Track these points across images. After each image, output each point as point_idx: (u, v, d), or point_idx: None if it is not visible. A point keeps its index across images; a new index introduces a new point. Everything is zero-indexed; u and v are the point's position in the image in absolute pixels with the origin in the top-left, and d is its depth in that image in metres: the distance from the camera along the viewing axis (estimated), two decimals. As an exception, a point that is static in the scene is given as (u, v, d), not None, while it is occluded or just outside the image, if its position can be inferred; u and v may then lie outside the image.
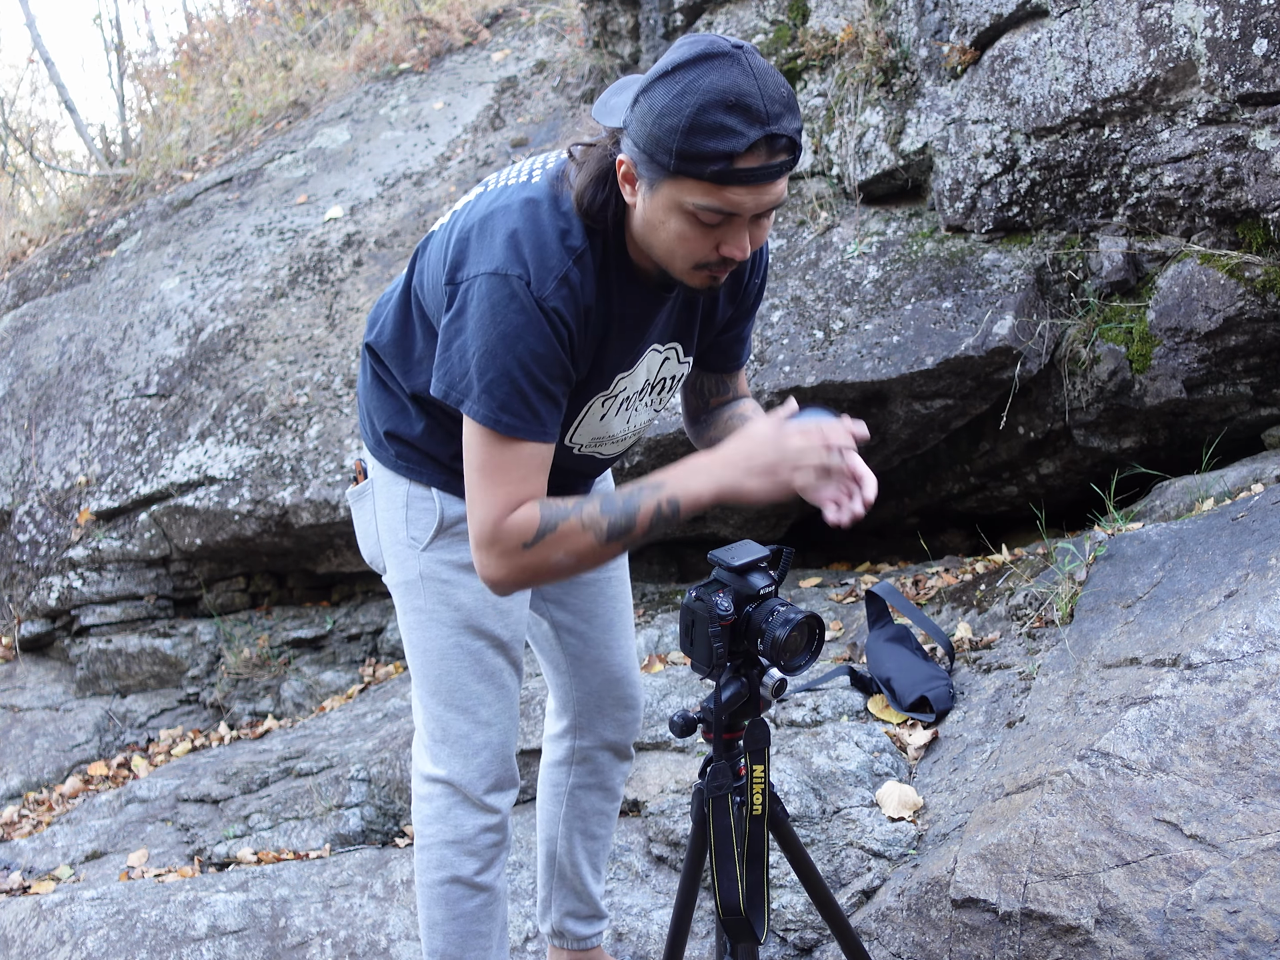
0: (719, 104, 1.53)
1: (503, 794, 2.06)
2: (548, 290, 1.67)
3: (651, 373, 1.94)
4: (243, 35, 9.10)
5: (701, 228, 1.64)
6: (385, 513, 2.03)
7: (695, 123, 1.54)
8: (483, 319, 1.69)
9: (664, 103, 1.56)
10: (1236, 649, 2.42)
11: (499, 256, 1.69)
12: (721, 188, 1.58)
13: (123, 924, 2.93)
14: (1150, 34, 3.40)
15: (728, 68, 1.55)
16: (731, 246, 1.66)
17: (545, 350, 1.68)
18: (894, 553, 4.74)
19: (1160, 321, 3.64)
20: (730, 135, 1.54)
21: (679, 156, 1.56)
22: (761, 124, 1.54)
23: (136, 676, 4.93)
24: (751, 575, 1.80)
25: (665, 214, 1.64)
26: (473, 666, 2.00)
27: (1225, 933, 2.05)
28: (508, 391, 1.68)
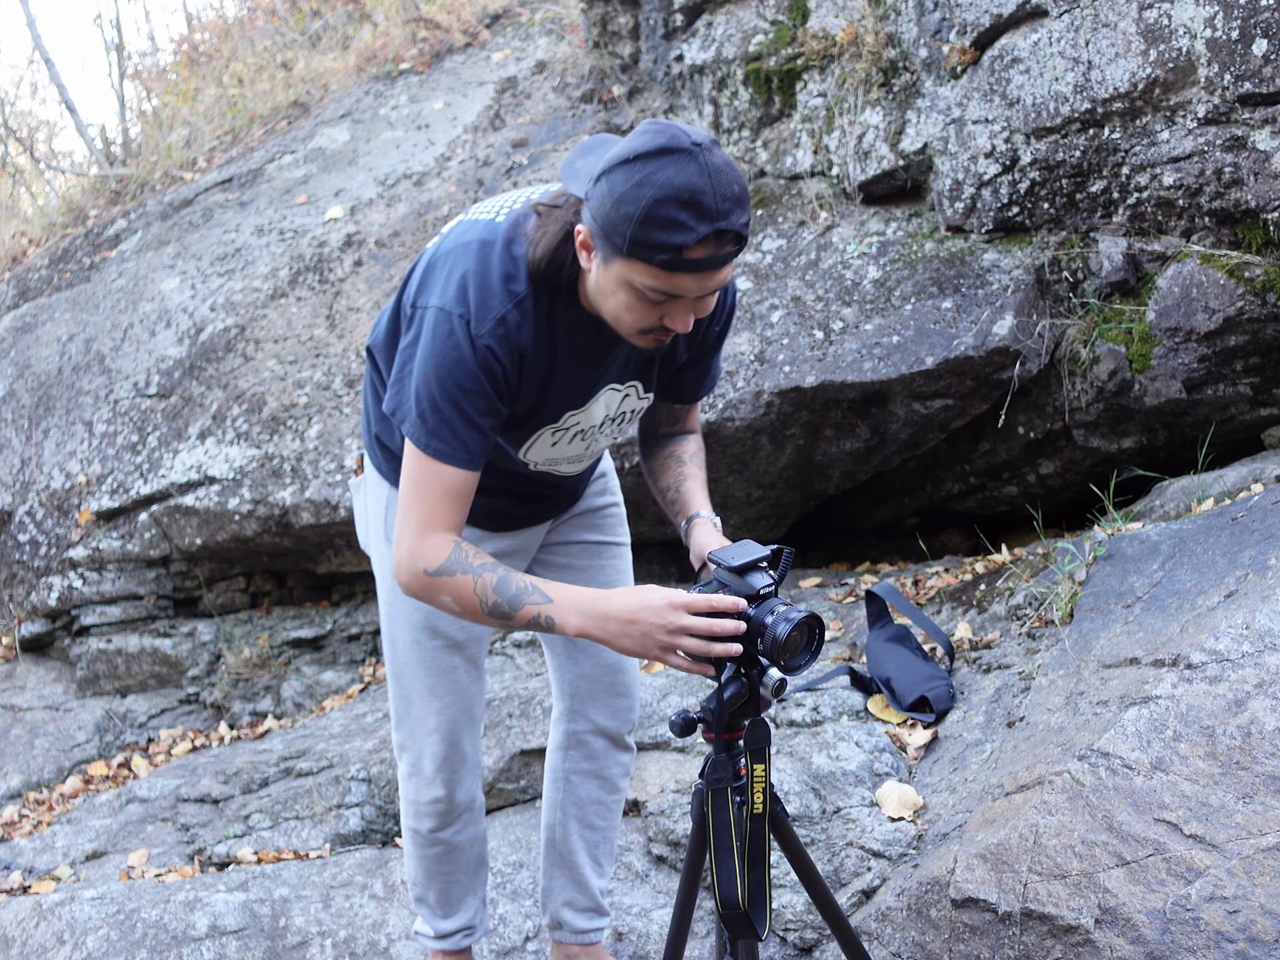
0: (673, 199, 1.64)
1: (453, 774, 2.27)
2: (484, 330, 1.81)
3: (611, 408, 2.07)
4: (243, 35, 9.10)
5: (648, 303, 1.77)
6: (373, 510, 2.23)
7: (649, 214, 1.65)
8: (426, 350, 1.84)
9: (623, 190, 1.67)
10: (1236, 649, 2.42)
11: (449, 294, 1.84)
12: (669, 274, 1.71)
13: (123, 924, 2.93)
14: (1150, 34, 3.40)
15: (685, 164, 1.65)
16: (674, 321, 1.80)
17: (475, 386, 1.82)
18: (894, 553, 4.74)
19: (1160, 321, 3.64)
20: (681, 229, 1.65)
21: (632, 242, 1.68)
22: (711, 220, 1.66)
23: (136, 676, 4.93)
24: (751, 575, 1.80)
25: (615, 287, 1.77)
26: (428, 662, 2.20)
27: (1225, 933, 2.05)
28: (438, 421, 1.83)
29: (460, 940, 2.44)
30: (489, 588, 1.84)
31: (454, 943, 2.43)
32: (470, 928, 2.44)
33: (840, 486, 4.40)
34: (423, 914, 2.44)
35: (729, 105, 4.96)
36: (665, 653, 1.78)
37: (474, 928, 2.45)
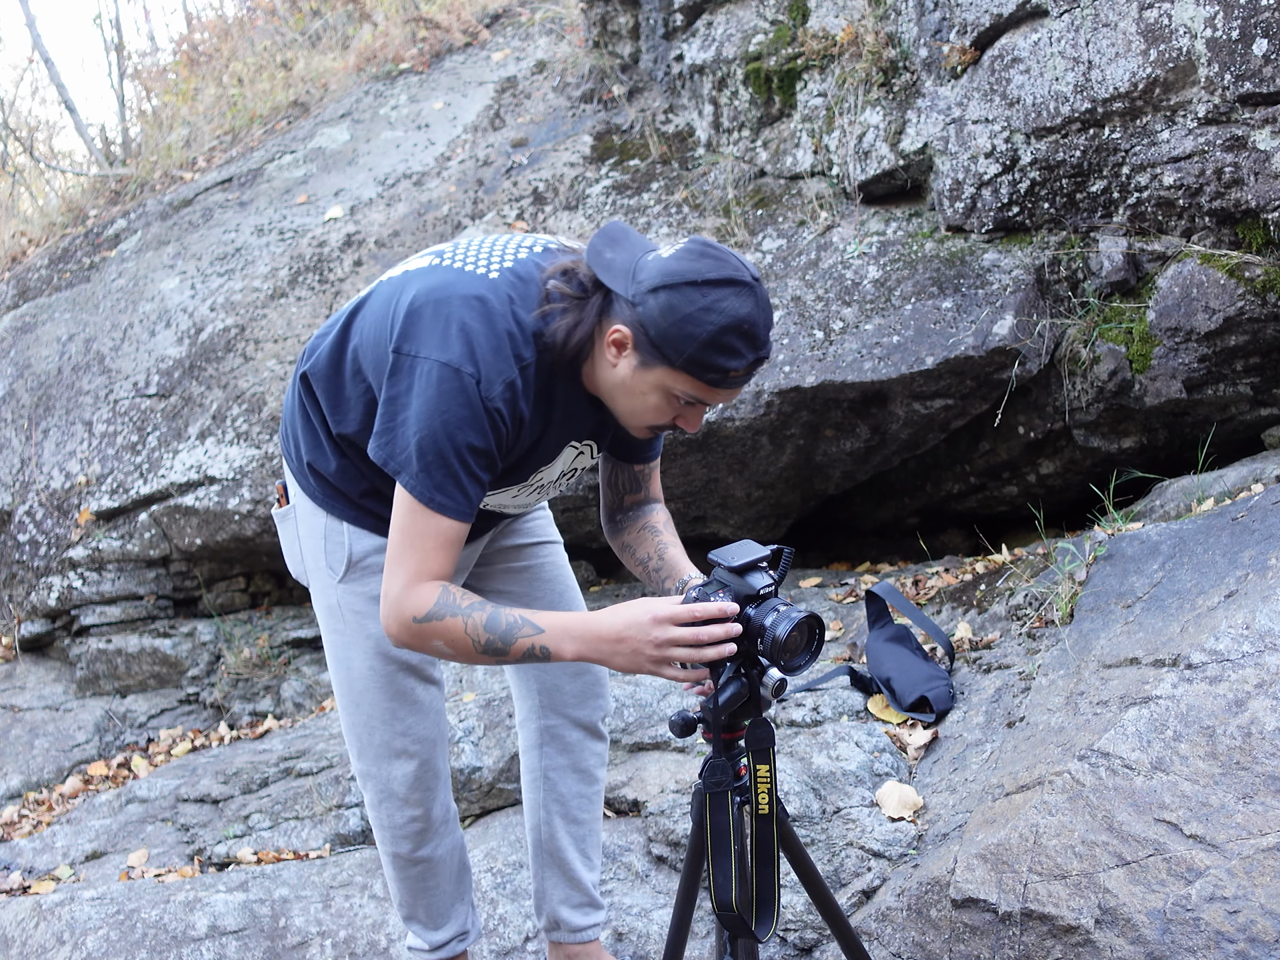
0: (735, 329, 1.82)
1: (426, 792, 2.27)
2: (495, 392, 1.86)
3: (566, 464, 2.14)
4: (243, 35, 9.10)
5: (674, 405, 1.92)
6: (308, 540, 2.21)
7: (714, 340, 1.82)
8: (429, 404, 1.86)
9: (688, 311, 1.81)
10: (1236, 649, 2.42)
11: (454, 350, 1.86)
12: (712, 389, 1.88)
13: (123, 924, 2.93)
14: (1150, 34, 3.40)
15: (747, 297, 1.83)
16: (688, 422, 1.97)
17: (482, 444, 1.87)
18: (894, 553, 4.74)
19: (1160, 321, 3.64)
20: (736, 356, 1.84)
21: (689, 360, 1.83)
22: (758, 349, 1.85)
23: (136, 676, 4.93)
24: (751, 575, 1.80)
25: (649, 389, 1.90)
26: (385, 687, 2.20)
27: (1225, 933, 2.05)
28: (443, 475, 1.87)
29: (455, 947, 2.43)
30: (479, 627, 1.87)
31: (449, 950, 2.42)
32: (463, 933, 2.44)
33: (840, 486, 4.40)
34: (414, 930, 2.43)
35: (729, 105, 4.95)
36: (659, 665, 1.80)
37: (466, 932, 2.44)
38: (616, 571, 4.89)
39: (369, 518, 2.14)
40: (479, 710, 3.47)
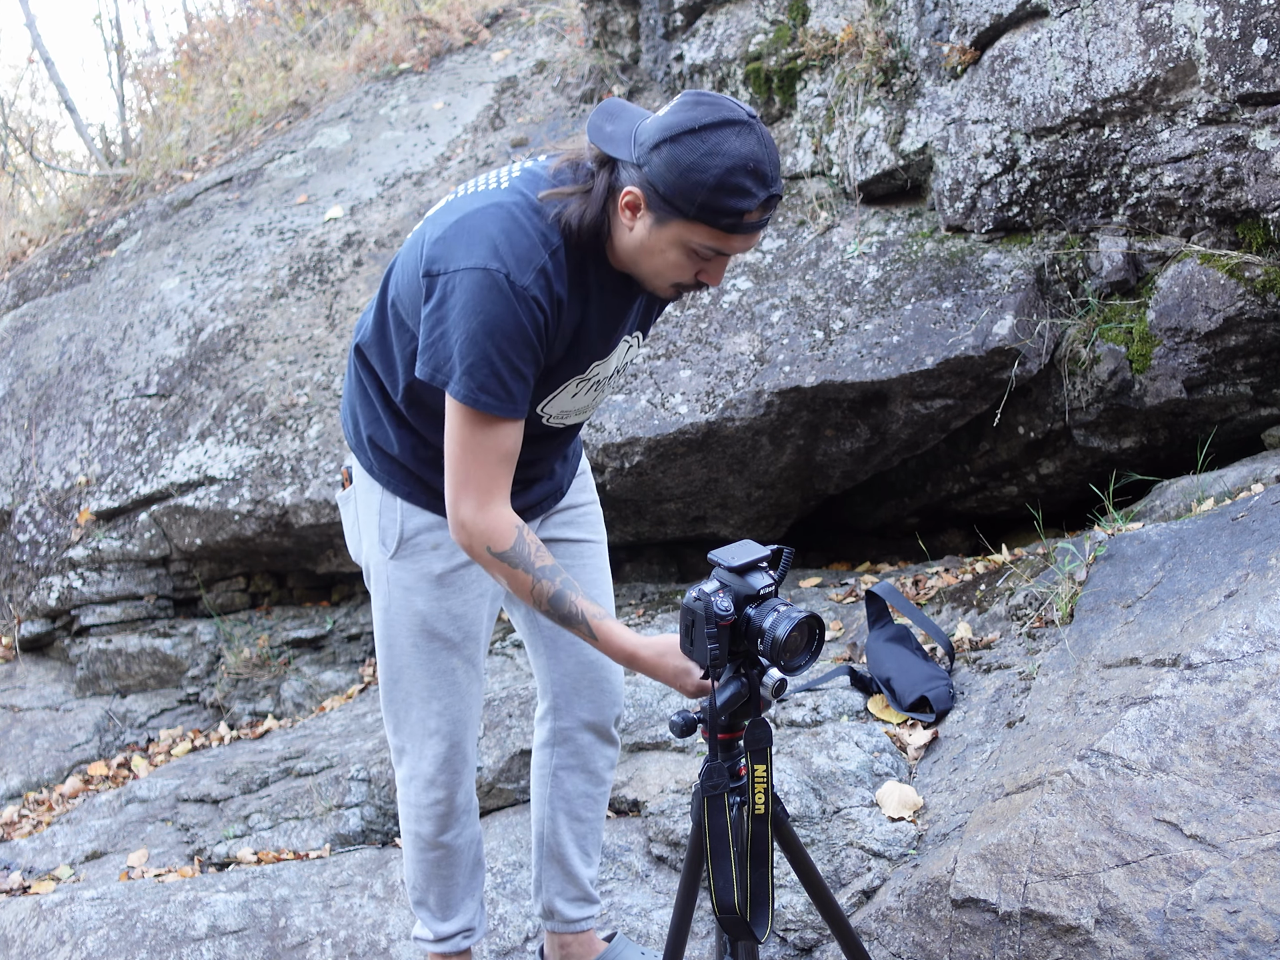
0: (742, 168, 1.80)
1: (454, 775, 2.29)
2: (528, 280, 1.88)
3: (620, 359, 2.16)
4: (243, 35, 9.10)
5: (694, 260, 1.90)
6: (365, 517, 2.25)
7: (722, 182, 1.79)
8: (466, 308, 1.88)
9: (692, 159, 1.80)
10: (1236, 649, 2.42)
11: (480, 253, 1.89)
12: (729, 236, 1.85)
13: (123, 924, 2.93)
14: (1150, 34, 3.40)
15: (747, 135, 1.81)
16: (711, 276, 1.94)
17: (520, 336, 1.89)
18: (894, 553, 4.74)
19: (1160, 321, 3.64)
20: (746, 196, 1.81)
21: (701, 207, 1.81)
22: (768, 186, 1.83)
23: (136, 676, 4.93)
24: (751, 575, 1.80)
25: (667, 246, 1.89)
26: (427, 664, 2.23)
27: (1225, 933, 2.05)
28: (486, 374, 1.89)
29: (460, 942, 2.44)
30: (545, 596, 1.95)
31: (453, 945, 2.44)
32: (470, 929, 2.45)
33: (840, 486, 4.40)
34: (422, 917, 2.45)
35: (729, 105, 4.95)
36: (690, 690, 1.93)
37: (473, 929, 2.46)
38: (617, 571, 4.89)
39: (424, 493, 2.17)
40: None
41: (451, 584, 2.20)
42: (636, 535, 4.60)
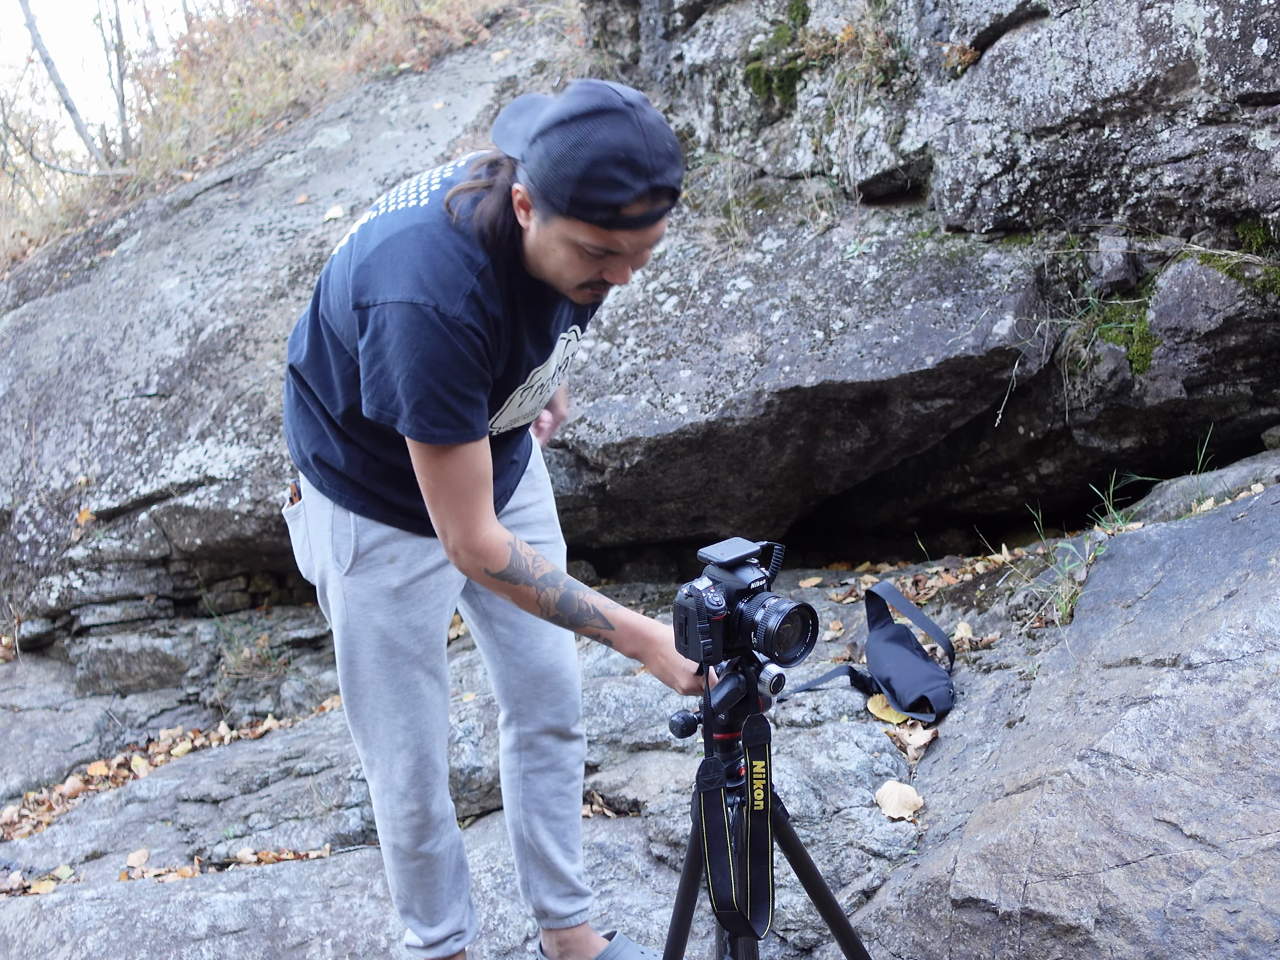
0: (610, 159, 1.69)
1: (425, 787, 2.27)
2: (459, 309, 1.82)
3: (560, 357, 2.13)
4: (243, 35, 9.10)
5: (588, 258, 1.80)
6: (316, 534, 2.19)
7: (588, 175, 1.69)
8: (401, 345, 1.83)
9: (560, 151, 1.71)
10: (1236, 649, 2.42)
11: (405, 285, 1.83)
12: (609, 232, 1.75)
13: (123, 924, 2.93)
14: (1150, 34, 3.40)
15: (620, 124, 1.69)
16: (613, 275, 1.84)
17: (460, 366, 1.84)
18: (894, 553, 4.74)
19: (1160, 321, 3.64)
20: (619, 188, 1.70)
21: (572, 202, 1.72)
22: (647, 177, 1.70)
23: (136, 676, 4.93)
24: (741, 570, 1.81)
25: (556, 244, 1.80)
26: (390, 679, 2.21)
27: (1225, 933, 2.05)
28: (436, 409, 1.85)
29: (451, 945, 2.44)
30: (551, 603, 1.95)
31: (445, 949, 2.43)
32: (459, 931, 2.44)
33: (840, 486, 4.40)
34: (410, 924, 2.44)
35: (729, 105, 4.95)
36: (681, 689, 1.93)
37: (463, 931, 2.45)
38: (617, 571, 4.89)
39: (378, 507, 2.13)
40: (479, 710, 3.47)
41: (409, 596, 2.17)
42: (636, 535, 4.60)
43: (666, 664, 1.91)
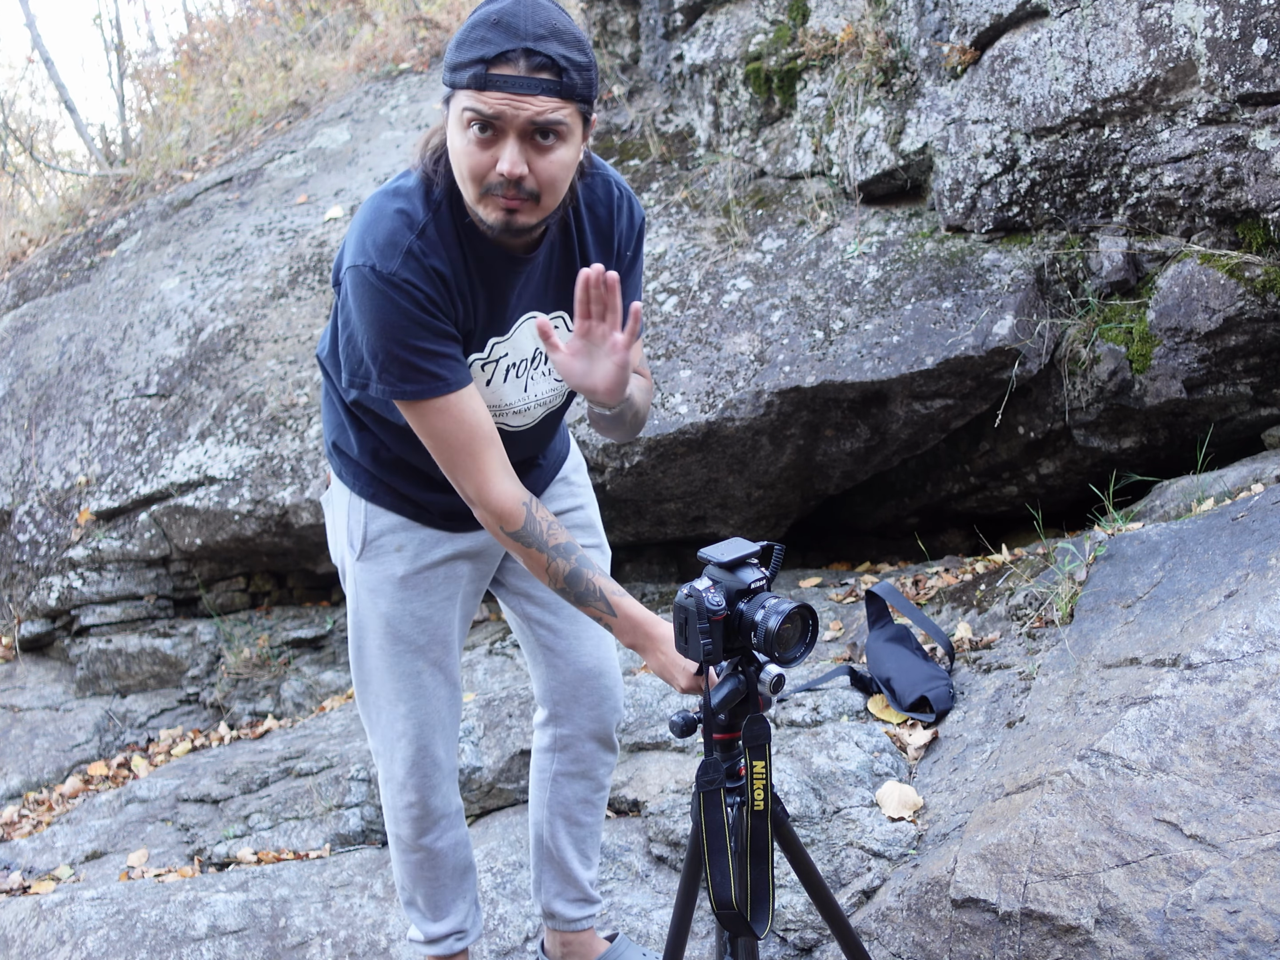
0: (483, 22, 1.76)
1: (424, 779, 2.27)
2: (394, 265, 1.85)
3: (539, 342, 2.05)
4: (243, 35, 9.10)
5: (478, 141, 1.79)
6: (336, 519, 2.25)
7: (462, 38, 1.77)
8: (357, 309, 1.89)
9: (453, 36, 1.81)
10: (1236, 649, 2.42)
11: (353, 251, 1.90)
12: (480, 92, 1.76)
13: (123, 924, 2.93)
14: (1150, 34, 3.40)
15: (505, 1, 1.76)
16: (503, 161, 1.78)
17: (407, 320, 1.85)
18: (894, 553, 4.74)
19: (1160, 321, 3.64)
20: (485, 44, 1.75)
21: (450, 69, 1.79)
22: (518, 38, 1.74)
23: (136, 676, 4.93)
24: (741, 571, 1.80)
25: (454, 134, 1.82)
26: (393, 667, 2.22)
27: (1225, 933, 2.05)
28: (398, 366, 1.87)
29: (452, 944, 2.44)
30: (560, 574, 1.95)
31: (446, 947, 2.43)
32: (461, 931, 2.44)
33: (840, 486, 4.40)
34: (413, 918, 2.45)
35: (729, 105, 4.95)
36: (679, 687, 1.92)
37: (465, 931, 2.45)
38: (617, 571, 4.89)
39: (388, 495, 2.16)
40: (479, 710, 3.47)
41: (415, 586, 2.19)
42: (636, 535, 4.60)
43: (666, 661, 1.91)
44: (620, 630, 1.96)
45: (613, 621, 1.96)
